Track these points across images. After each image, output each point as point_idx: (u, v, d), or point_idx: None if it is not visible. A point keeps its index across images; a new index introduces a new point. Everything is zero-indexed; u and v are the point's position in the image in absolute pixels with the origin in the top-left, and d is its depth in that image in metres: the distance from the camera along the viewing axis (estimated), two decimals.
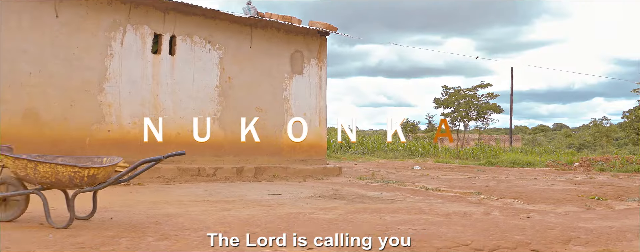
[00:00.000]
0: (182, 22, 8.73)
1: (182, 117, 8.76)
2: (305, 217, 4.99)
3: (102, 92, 7.96)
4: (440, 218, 5.29)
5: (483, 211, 6.02)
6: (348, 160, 20.57)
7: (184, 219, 4.66)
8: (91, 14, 7.87)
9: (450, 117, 32.65)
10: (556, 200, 7.52)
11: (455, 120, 33.05)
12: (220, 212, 5.21)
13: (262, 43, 9.75)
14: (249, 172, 9.16)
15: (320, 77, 10.57)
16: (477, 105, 31.61)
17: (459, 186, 9.40)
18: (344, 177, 10.26)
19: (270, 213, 5.22)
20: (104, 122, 7.98)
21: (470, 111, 31.91)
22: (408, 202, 6.64)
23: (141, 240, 3.83)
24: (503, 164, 21.93)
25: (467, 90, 31.56)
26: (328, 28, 10.46)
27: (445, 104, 31.94)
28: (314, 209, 5.63)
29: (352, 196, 7.05)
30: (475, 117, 32.54)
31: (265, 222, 4.60)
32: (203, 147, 8.97)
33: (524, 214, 5.94)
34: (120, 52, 8.13)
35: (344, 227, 4.52)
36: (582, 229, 4.76)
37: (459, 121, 32.49)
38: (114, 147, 8.03)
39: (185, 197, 6.33)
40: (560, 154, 29.48)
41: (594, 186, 9.99)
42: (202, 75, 8.99)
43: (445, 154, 30.49)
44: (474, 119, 33.07)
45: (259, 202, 6.14)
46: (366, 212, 5.52)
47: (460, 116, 31.72)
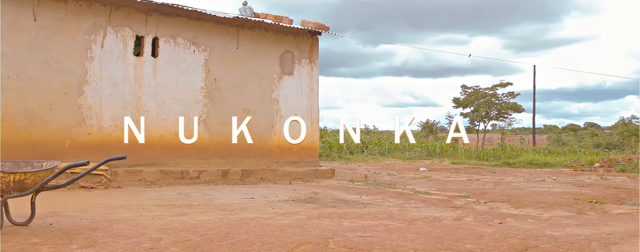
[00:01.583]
0: (165, 24, 8.65)
1: (166, 119, 8.68)
2: (256, 223, 4.80)
3: (82, 95, 7.92)
4: (403, 224, 5.04)
5: (456, 216, 5.73)
6: (358, 161, 20.30)
7: (127, 225, 4.52)
8: (70, 16, 7.85)
9: (470, 117, 32.05)
10: (547, 204, 7.17)
11: (474, 120, 32.43)
12: (172, 217, 5.06)
13: (250, 44, 9.60)
14: (235, 175, 9.02)
15: (311, 78, 10.36)
16: (497, 104, 30.94)
17: (452, 188, 9.08)
18: (336, 179, 10.03)
19: (224, 219, 5.05)
20: (85, 125, 7.94)
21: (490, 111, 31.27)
22: (383, 206, 6.39)
23: (64, 247, 3.70)
24: (520, 164, 21.35)
25: (486, 90, 30.92)
26: (319, 28, 10.26)
27: (464, 104, 31.35)
28: (274, 214, 5.44)
29: (328, 200, 6.83)
30: (495, 116, 31.87)
31: (208, 229, 4.43)
32: (188, 149, 8.88)
33: (499, 219, 5.64)
34: (101, 54, 8.08)
35: (290, 234, 4.32)
36: (546, 237, 4.45)
37: (479, 121, 31.86)
38: (95, 150, 7.99)
39: (150, 202, 6.21)
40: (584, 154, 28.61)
41: (599, 188, 9.54)
42: (186, 77, 8.89)
43: (465, 154, 29.93)
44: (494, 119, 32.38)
45: (224, 206, 5.98)
46: (327, 218, 5.30)
47: (480, 116, 31.10)
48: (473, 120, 32.60)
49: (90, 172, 4.32)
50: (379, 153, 27.99)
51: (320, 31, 10.36)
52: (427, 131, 46.51)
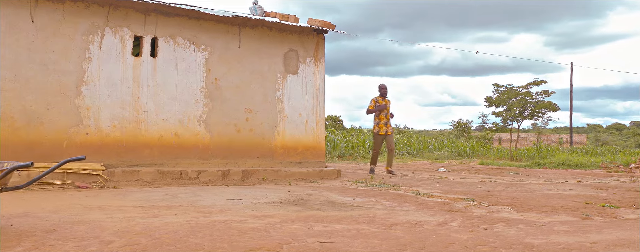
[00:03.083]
0: (164, 24, 8.62)
1: (165, 119, 8.64)
2: (222, 227, 4.65)
3: (79, 95, 7.96)
4: (377, 229, 4.79)
5: (442, 221, 5.44)
6: (380, 161, 19.92)
7: (87, 227, 4.45)
8: (68, 18, 7.89)
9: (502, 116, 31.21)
10: (552, 208, 6.77)
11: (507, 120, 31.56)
12: (141, 219, 4.96)
13: (252, 43, 9.48)
14: (236, 176, 8.91)
15: (317, 77, 10.16)
16: (531, 103, 30.02)
17: (458, 190, 8.73)
18: (341, 180, 9.80)
19: (193, 221, 4.92)
20: (82, 126, 7.98)
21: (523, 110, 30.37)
22: (371, 209, 6.15)
23: (8, 250, 3.63)
24: (551, 165, 20.59)
25: (519, 88, 30.03)
26: (325, 26, 10.04)
27: (497, 103, 30.56)
28: (249, 217, 5.28)
29: (317, 202, 6.62)
30: (529, 116, 30.92)
31: (166, 232, 4.30)
32: (187, 150, 8.82)
33: (488, 225, 5.33)
34: (99, 55, 8.11)
35: (248, 239, 4.15)
36: (521, 246, 4.13)
37: (512, 120, 30.98)
38: (93, 150, 8.02)
39: (133, 203, 6.14)
40: (623, 155, 27.39)
41: (619, 191, 9.01)
42: (186, 76, 8.83)
43: (497, 155, 29.13)
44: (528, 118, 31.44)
45: (204, 208, 5.86)
46: (302, 221, 5.10)
47: (513, 115, 30.24)
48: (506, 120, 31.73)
49: (49, 173, 4.24)
50: (408, 153, 27.51)
51: (326, 29, 10.15)
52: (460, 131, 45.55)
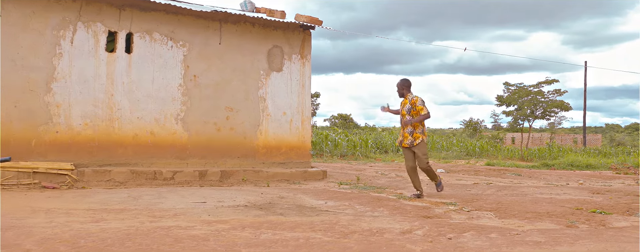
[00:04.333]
0: (140, 19, 8.34)
1: (140, 117, 8.37)
2: (160, 234, 4.34)
3: (49, 92, 7.72)
4: (330, 239, 4.45)
5: (408, 229, 5.07)
6: (383, 161, 19.51)
7: (15, 233, 4.16)
8: (38, 12, 7.65)
9: (513, 115, 30.56)
10: (537, 214, 6.36)
11: (518, 119, 30.90)
12: (81, 224, 4.67)
13: (234, 39, 9.16)
14: (214, 176, 8.61)
15: (303, 74, 9.81)
16: (542, 102, 29.35)
17: (445, 193, 8.33)
18: (326, 182, 9.44)
19: (134, 227, 4.62)
20: (52, 124, 7.74)
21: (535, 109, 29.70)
22: (338, 215, 5.79)
23: None
24: (560, 166, 20.01)
25: (531, 87, 29.38)
26: (312, 21, 9.68)
27: (507, 102, 29.95)
28: (199, 223, 4.96)
29: (284, 206, 6.28)
30: (541, 115, 30.24)
31: (93, 240, 4.01)
32: (164, 149, 8.55)
33: (457, 233, 4.95)
34: (70, 51, 7.86)
35: (179, 248, 3.83)
36: None
37: (523, 120, 30.32)
38: (63, 149, 7.78)
39: (88, 205, 5.86)
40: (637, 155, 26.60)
41: (617, 195, 8.54)
42: (163, 73, 8.55)
43: (507, 154, 28.49)
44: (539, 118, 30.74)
45: (159, 212, 5.55)
46: (254, 228, 4.77)
47: (524, 114, 29.59)
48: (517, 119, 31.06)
49: None
50: None
51: (313, 25, 9.79)
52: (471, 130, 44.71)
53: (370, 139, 24.97)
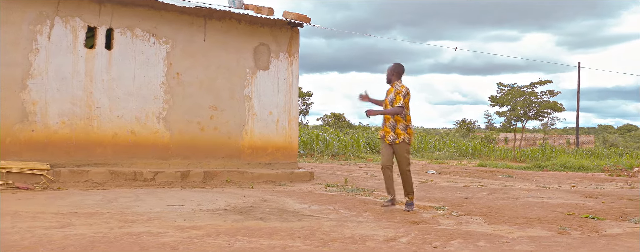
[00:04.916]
0: (120, 14, 8.05)
1: (120, 116, 8.09)
2: (128, 242, 4.08)
3: (25, 89, 7.43)
4: (309, 247, 4.21)
5: (393, 236, 4.84)
6: (374, 161, 19.27)
7: None
8: (14, 7, 7.36)
9: (506, 116, 30.45)
10: (527, 220, 6.15)
11: (511, 120, 30.79)
12: (44, 230, 4.40)
13: (219, 36, 8.89)
14: (197, 177, 8.35)
15: (290, 73, 9.55)
16: (535, 103, 29.24)
17: (435, 196, 8.12)
18: (313, 183, 9.20)
19: (101, 233, 4.36)
20: (28, 122, 7.45)
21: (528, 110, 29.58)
22: (320, 220, 5.55)
23: None
24: (552, 168, 19.87)
25: (524, 88, 29.27)
26: (299, 19, 9.43)
27: (501, 102, 29.83)
28: (172, 229, 4.70)
29: (266, 210, 6.03)
30: (534, 116, 30.13)
31: (51, 249, 3.75)
32: (145, 149, 8.27)
33: (444, 240, 4.73)
34: (48, 46, 7.57)
35: None
36: None
37: (516, 120, 30.21)
38: (39, 148, 7.49)
39: (58, 208, 5.59)
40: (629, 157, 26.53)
41: (609, 199, 8.35)
42: (145, 71, 8.27)
43: (500, 155, 28.35)
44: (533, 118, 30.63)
45: (132, 216, 5.29)
46: (229, 235, 4.52)
47: (517, 115, 29.48)
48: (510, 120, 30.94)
49: None
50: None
51: (301, 23, 9.53)
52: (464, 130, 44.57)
53: (362, 138, 24.72)
